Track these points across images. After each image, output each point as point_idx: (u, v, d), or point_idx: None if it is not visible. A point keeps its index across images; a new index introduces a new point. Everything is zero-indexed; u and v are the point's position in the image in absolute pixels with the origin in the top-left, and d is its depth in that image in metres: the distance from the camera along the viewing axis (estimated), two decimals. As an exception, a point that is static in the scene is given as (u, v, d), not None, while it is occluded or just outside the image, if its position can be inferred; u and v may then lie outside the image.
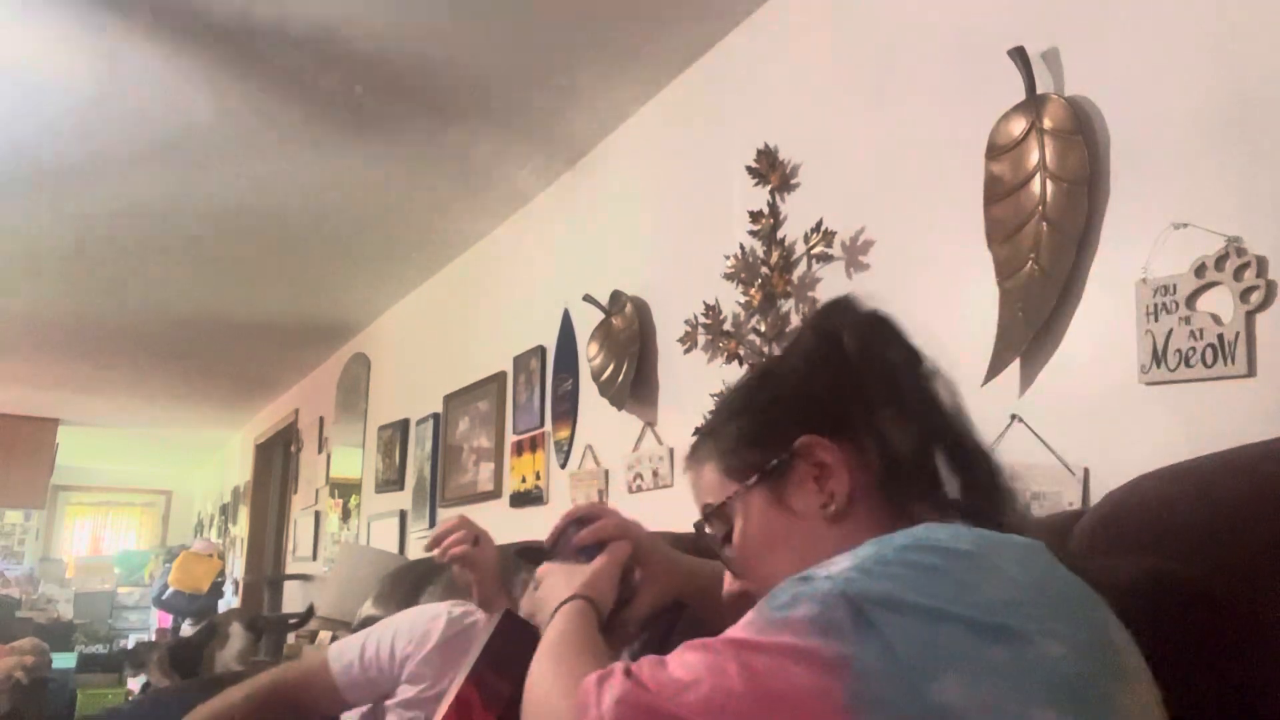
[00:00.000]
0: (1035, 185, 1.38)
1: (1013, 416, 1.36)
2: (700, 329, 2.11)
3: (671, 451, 2.21)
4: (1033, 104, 1.40)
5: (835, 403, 0.77)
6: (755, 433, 0.79)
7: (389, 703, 1.49)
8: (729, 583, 0.80)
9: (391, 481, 4.07)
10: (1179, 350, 1.18)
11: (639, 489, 2.30)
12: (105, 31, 2.16)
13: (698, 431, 0.86)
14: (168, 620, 7.07)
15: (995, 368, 1.40)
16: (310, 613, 3.59)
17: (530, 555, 1.53)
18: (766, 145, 1.98)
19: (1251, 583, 0.62)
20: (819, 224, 1.82)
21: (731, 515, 0.78)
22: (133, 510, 10.24)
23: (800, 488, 0.75)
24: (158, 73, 2.35)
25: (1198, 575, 0.69)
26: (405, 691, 1.45)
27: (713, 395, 2.00)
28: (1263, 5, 1.16)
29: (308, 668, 1.57)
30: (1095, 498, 1.05)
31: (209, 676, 3.19)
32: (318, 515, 5.15)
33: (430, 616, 1.51)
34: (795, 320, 1.87)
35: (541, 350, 2.91)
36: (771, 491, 0.76)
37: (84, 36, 2.19)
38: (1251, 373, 1.12)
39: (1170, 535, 0.73)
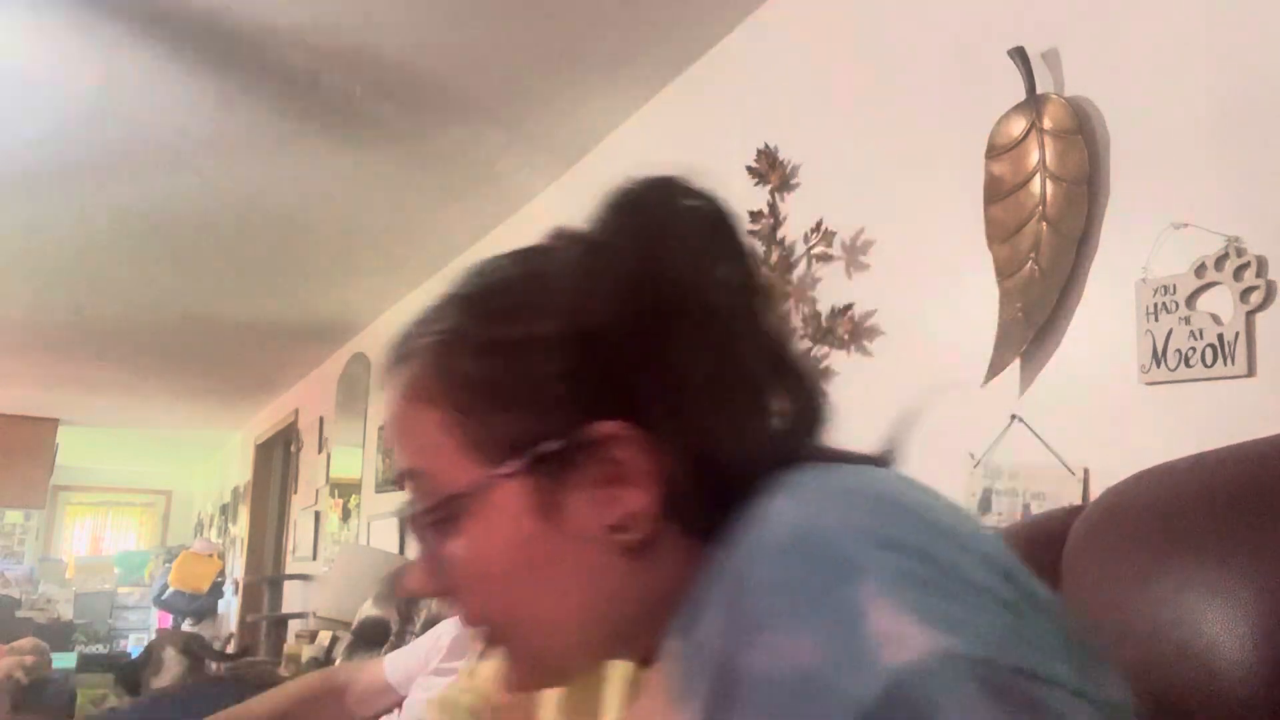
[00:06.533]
0: (1035, 185, 1.38)
1: (1013, 417, 1.36)
2: (700, 329, 2.10)
3: (671, 452, 2.20)
4: (1033, 104, 1.39)
5: (653, 368, 0.49)
6: (519, 390, 0.48)
7: (423, 674, 1.63)
8: (420, 580, 0.54)
9: (391, 481, 4.06)
10: (1179, 350, 1.18)
11: (638, 489, 2.29)
12: (100, 36, 2.16)
13: (410, 336, 0.55)
14: (168, 620, 7.08)
15: (995, 368, 1.40)
16: (248, 652, 3.56)
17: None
18: (766, 145, 1.98)
19: (1256, 576, 0.62)
20: (819, 224, 1.81)
21: (463, 510, 0.49)
22: (133, 510, 10.25)
23: (582, 493, 0.48)
24: (156, 76, 2.35)
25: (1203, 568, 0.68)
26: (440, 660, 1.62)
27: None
28: (1263, 5, 1.16)
29: (360, 667, 1.77)
30: (1095, 498, 1.05)
31: (207, 677, 3.19)
32: (318, 515, 5.15)
33: None
34: (795, 320, 1.87)
35: (541, 350, 2.90)
36: (538, 490, 0.48)
37: (80, 41, 2.18)
38: (1251, 373, 1.11)
39: (1174, 529, 0.73)
